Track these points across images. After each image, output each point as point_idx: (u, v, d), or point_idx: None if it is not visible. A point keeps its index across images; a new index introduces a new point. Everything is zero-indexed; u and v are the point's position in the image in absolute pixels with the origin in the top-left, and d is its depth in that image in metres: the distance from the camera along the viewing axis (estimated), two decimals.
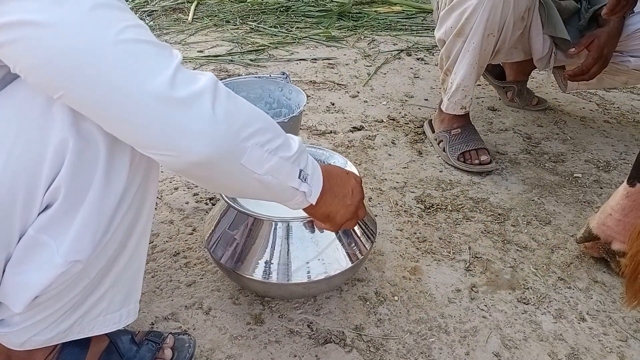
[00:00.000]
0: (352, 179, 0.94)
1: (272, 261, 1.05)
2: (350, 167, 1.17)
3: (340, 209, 0.91)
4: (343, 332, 1.10)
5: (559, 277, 1.29)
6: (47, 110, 0.65)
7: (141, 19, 2.64)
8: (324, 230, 1.04)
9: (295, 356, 1.05)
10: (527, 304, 1.21)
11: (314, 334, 1.10)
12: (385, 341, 1.09)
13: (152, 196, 0.80)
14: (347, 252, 1.09)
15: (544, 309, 1.20)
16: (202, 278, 1.22)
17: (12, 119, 0.65)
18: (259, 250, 1.06)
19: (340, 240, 1.09)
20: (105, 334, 0.95)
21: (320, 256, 1.07)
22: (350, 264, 1.08)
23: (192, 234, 1.35)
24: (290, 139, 0.77)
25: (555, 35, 1.68)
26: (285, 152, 0.74)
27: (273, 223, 1.06)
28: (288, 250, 1.05)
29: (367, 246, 1.12)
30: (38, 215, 0.68)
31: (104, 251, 0.74)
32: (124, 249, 0.78)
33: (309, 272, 1.05)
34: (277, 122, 1.42)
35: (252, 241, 1.07)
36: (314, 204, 0.84)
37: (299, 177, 0.78)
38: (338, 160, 1.20)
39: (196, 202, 1.47)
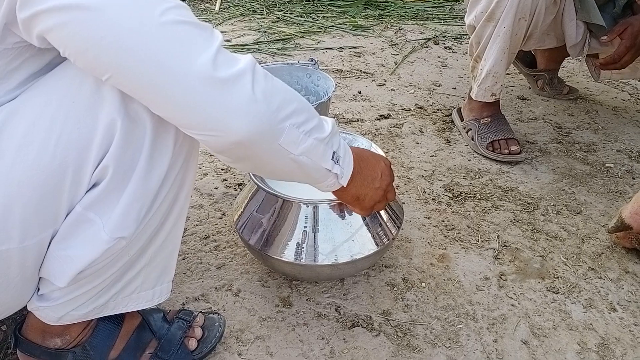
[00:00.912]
0: (381, 162, 0.94)
1: (300, 243, 1.06)
2: (376, 149, 1.17)
3: (369, 191, 0.91)
4: (370, 317, 1.11)
5: (589, 267, 1.27)
6: (96, 92, 0.67)
7: None
8: (353, 213, 1.04)
9: (323, 339, 1.06)
10: (556, 293, 1.19)
11: (341, 317, 1.10)
12: (412, 326, 1.09)
13: (190, 179, 0.81)
14: (373, 236, 1.09)
15: (574, 298, 1.18)
16: (232, 261, 1.23)
17: (63, 99, 0.67)
18: (288, 231, 1.07)
19: (367, 225, 1.09)
20: (138, 312, 0.98)
21: (348, 239, 1.07)
22: (376, 248, 1.09)
23: (221, 218, 1.37)
24: (324, 121, 0.78)
25: (589, 21, 1.64)
26: (319, 134, 0.75)
27: (302, 205, 1.06)
28: (316, 232, 1.06)
29: (393, 231, 1.12)
30: (85, 193, 0.70)
31: (144, 229, 0.76)
32: (161, 228, 0.80)
33: (336, 255, 1.06)
34: None
35: (281, 223, 1.08)
36: (344, 185, 0.84)
37: (332, 159, 0.78)
38: (362, 142, 1.20)
39: (225, 188, 1.49)
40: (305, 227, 1.07)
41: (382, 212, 1.12)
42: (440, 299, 1.16)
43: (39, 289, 0.79)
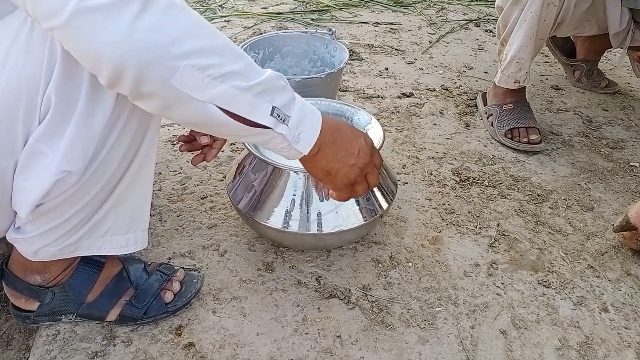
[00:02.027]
0: (361, 137, 0.86)
1: (287, 210, 1.07)
2: (375, 125, 1.15)
3: (342, 167, 0.83)
4: (349, 290, 1.11)
5: (589, 265, 1.22)
6: None
7: None
8: (329, 198, 1.02)
9: (298, 305, 1.07)
10: (547, 287, 1.16)
11: (320, 287, 1.11)
12: (390, 304, 1.09)
13: (153, 128, 0.83)
14: (362, 209, 1.08)
15: (565, 294, 1.14)
16: (224, 222, 1.26)
17: (20, 31, 0.69)
18: (276, 198, 1.08)
19: None
20: (119, 260, 1.02)
21: (335, 210, 1.07)
22: (363, 221, 1.08)
23: (222, 180, 1.39)
24: (258, 72, 0.70)
25: (636, 7, 1.55)
26: (240, 81, 0.67)
27: (291, 173, 1.07)
28: (303, 200, 1.07)
29: (383, 206, 1.11)
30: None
31: (101, 170, 0.78)
32: (125, 173, 0.82)
33: (322, 224, 1.06)
34: (314, 78, 1.40)
35: (270, 189, 1.08)
36: (305, 153, 0.79)
37: (272, 115, 0.71)
38: (363, 116, 1.19)
39: (231, 152, 1.51)
40: (293, 195, 1.08)
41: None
42: (424, 281, 1.15)
43: (16, 222, 0.83)
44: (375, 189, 1.11)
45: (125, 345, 0.97)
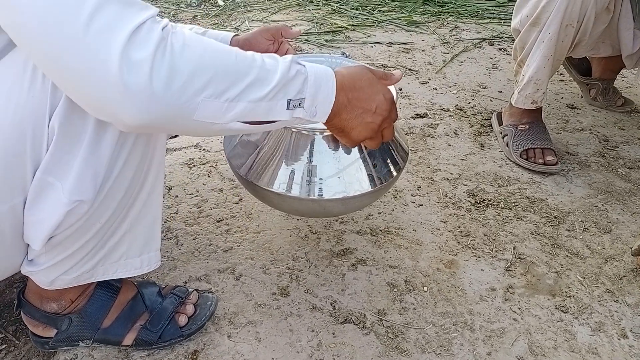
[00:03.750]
0: (380, 94, 0.84)
1: (288, 174, 1.00)
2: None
3: (358, 125, 0.83)
4: (364, 315, 1.10)
5: (607, 289, 1.20)
6: None
7: None
8: (347, 146, 0.96)
9: (312, 331, 1.06)
10: (565, 312, 1.14)
11: (335, 312, 1.11)
12: (405, 329, 1.08)
13: (159, 153, 0.84)
14: (369, 175, 1.01)
15: (583, 319, 1.13)
16: (239, 245, 1.26)
17: (25, 66, 0.69)
18: (277, 161, 1.01)
19: (364, 161, 1.01)
20: (134, 284, 1.03)
21: (340, 174, 1.00)
22: (370, 188, 1.00)
23: (237, 203, 1.40)
24: (270, 73, 0.71)
25: None
26: (255, 94, 0.69)
27: (293, 133, 0.99)
28: (306, 163, 1.00)
29: (393, 173, 1.04)
30: None
31: (110, 197, 0.78)
32: (136, 198, 0.83)
33: (325, 189, 0.99)
34: None
35: (270, 151, 1.01)
36: (323, 121, 0.80)
37: (288, 109, 0.73)
38: None
39: None
40: (296, 157, 1.00)
41: (379, 152, 1.03)
42: (440, 305, 1.14)
43: (29, 255, 0.84)
44: (382, 156, 1.04)
45: None
